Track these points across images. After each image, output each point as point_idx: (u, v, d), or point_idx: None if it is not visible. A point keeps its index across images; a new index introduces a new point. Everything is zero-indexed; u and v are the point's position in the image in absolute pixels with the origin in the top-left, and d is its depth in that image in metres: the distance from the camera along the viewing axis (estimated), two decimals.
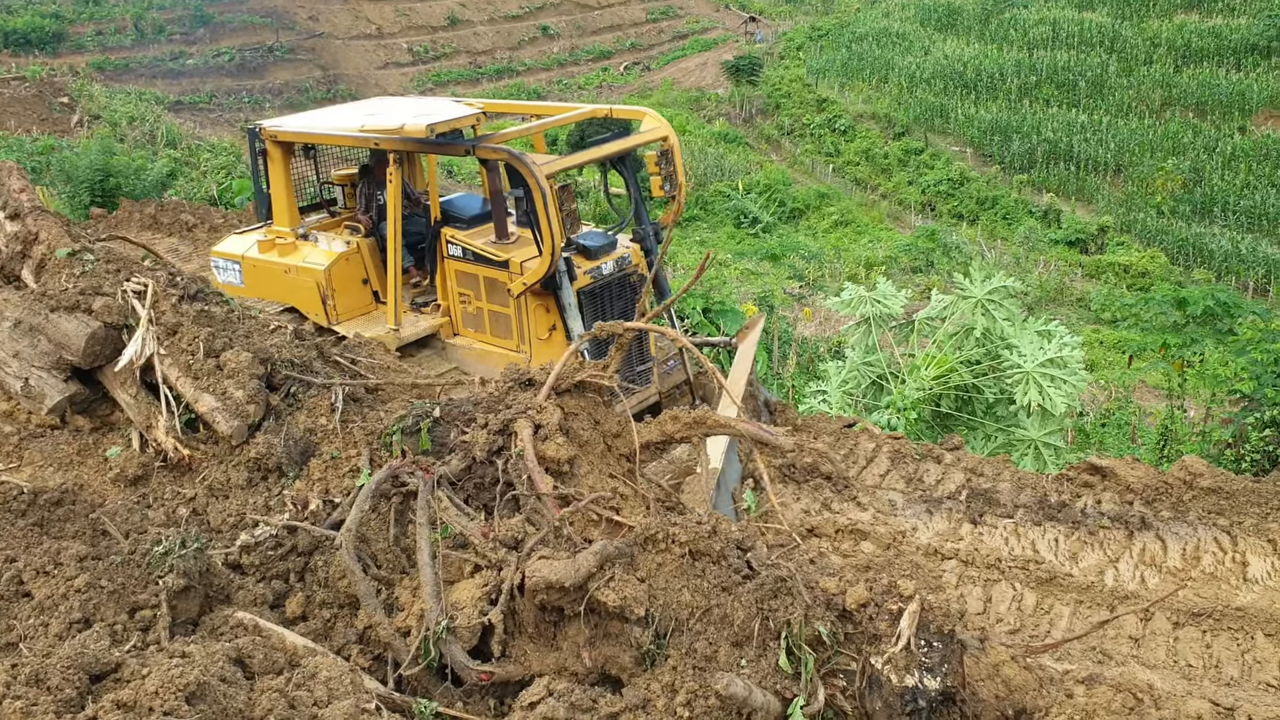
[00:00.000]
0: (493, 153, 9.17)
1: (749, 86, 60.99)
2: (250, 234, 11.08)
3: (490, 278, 9.62)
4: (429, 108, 10.95)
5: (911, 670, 4.40)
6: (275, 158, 10.44)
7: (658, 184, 10.16)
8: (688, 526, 4.78)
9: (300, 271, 10.23)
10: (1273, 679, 6.98)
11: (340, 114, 11.18)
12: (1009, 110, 52.87)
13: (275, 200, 10.67)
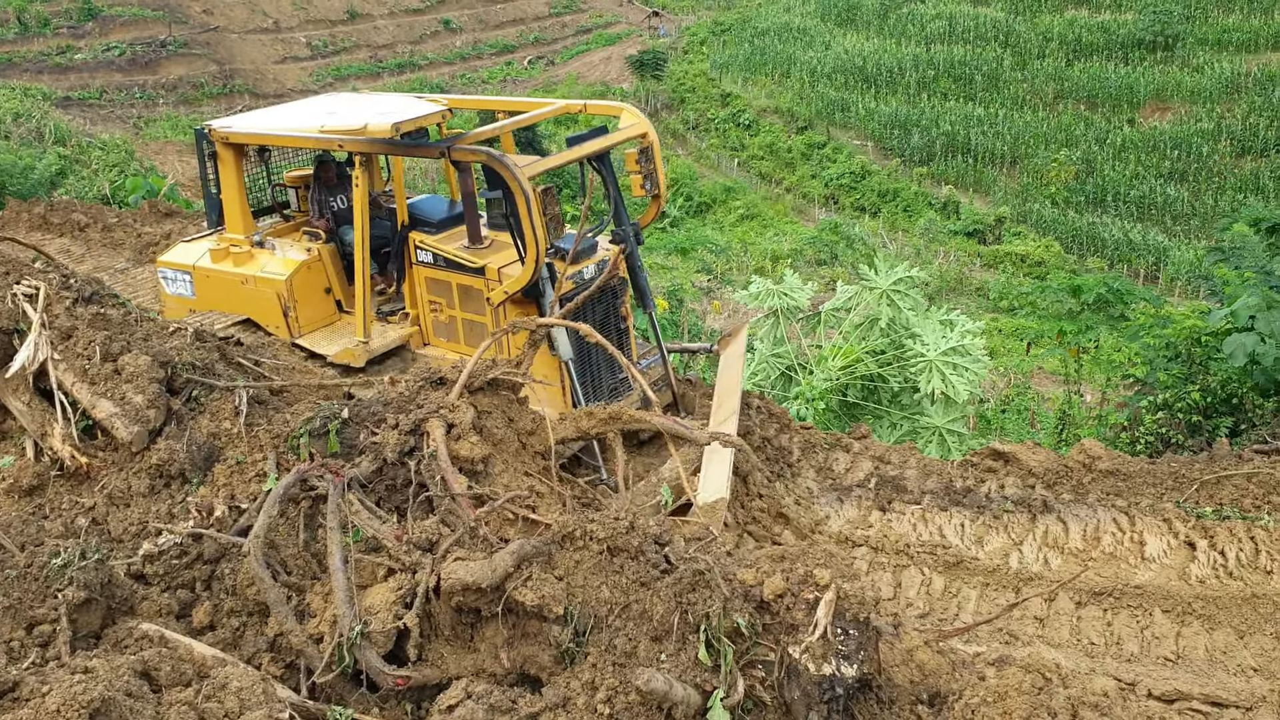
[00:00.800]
0: (471, 154, 8.68)
1: (654, 81, 61.16)
2: (200, 242, 10.39)
3: (465, 285, 9.11)
4: (390, 105, 10.39)
5: (829, 658, 4.44)
6: (226, 160, 9.83)
7: (638, 183, 9.65)
8: (605, 523, 4.76)
9: (259, 282, 9.60)
10: (1170, 653, 7.22)
11: (295, 113, 10.55)
12: (908, 104, 53.88)
13: (227, 205, 10.05)
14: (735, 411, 8.93)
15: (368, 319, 9.27)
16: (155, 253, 14.96)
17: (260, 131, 9.88)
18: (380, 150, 9.28)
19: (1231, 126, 45.87)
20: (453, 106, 10.11)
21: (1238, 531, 7.99)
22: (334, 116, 9.70)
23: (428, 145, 9.18)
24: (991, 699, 4.63)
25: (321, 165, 10.13)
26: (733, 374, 9.74)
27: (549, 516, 5.02)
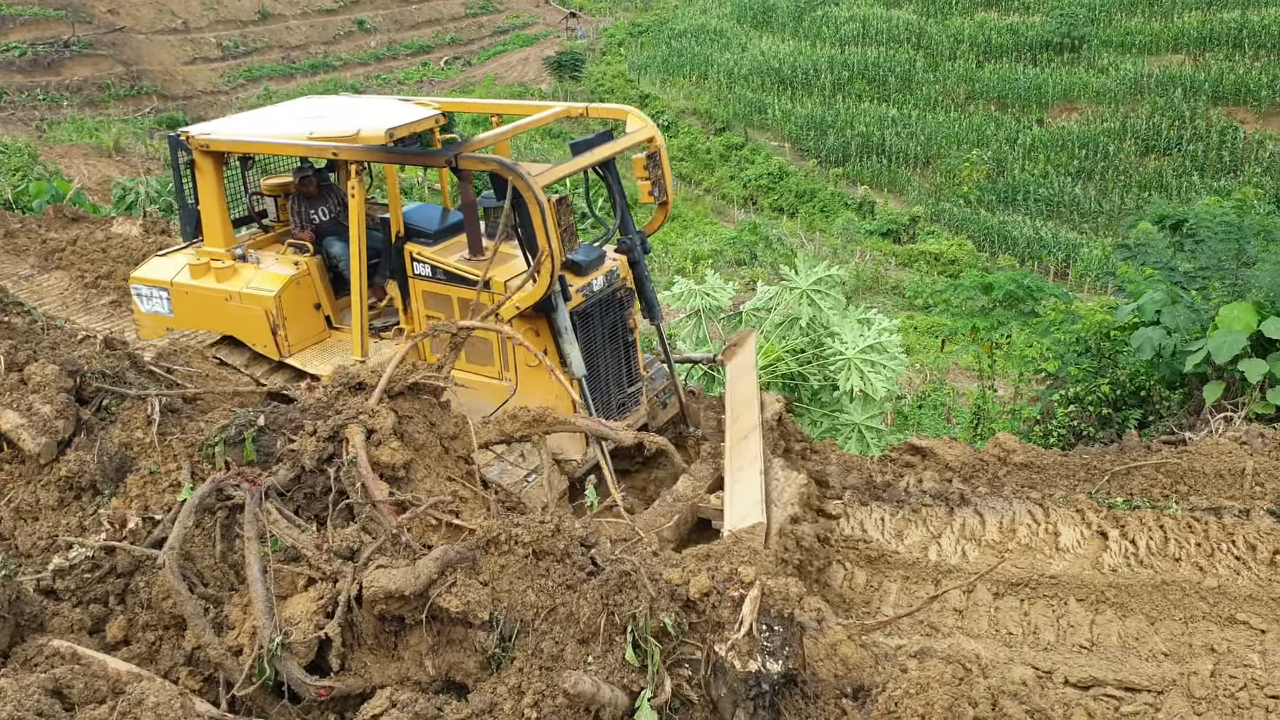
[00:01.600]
0: (480, 163, 8.15)
1: (572, 82, 61.11)
2: (175, 255, 9.83)
3: (467, 299, 8.58)
4: (378, 110, 9.89)
5: (754, 655, 4.48)
6: (205, 169, 9.24)
7: (646, 189, 9.22)
8: (531, 527, 4.74)
9: (245, 298, 9.08)
10: (1085, 641, 7.41)
11: (276, 119, 9.89)
12: (824, 106, 54.56)
13: (206, 217, 9.43)
14: (756, 427, 8.59)
15: (364, 336, 8.79)
16: (61, 259, 14.53)
17: (244, 139, 9.32)
18: (379, 159, 8.78)
19: (1136, 126, 47.24)
20: (445, 110, 9.62)
21: (1148, 520, 8.22)
22: (321, 122, 9.21)
23: (433, 153, 8.74)
24: (914, 691, 4.70)
25: (301, 175, 9.68)
26: (746, 386, 9.36)
27: (473, 521, 4.98)
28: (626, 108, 9.65)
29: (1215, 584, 7.61)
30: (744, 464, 8.25)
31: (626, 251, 9.12)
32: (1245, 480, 8.46)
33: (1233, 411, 10.36)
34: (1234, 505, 8.30)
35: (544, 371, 8.14)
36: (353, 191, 8.42)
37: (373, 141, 8.41)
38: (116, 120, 43.19)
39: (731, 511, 7.66)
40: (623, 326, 9.05)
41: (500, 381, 8.55)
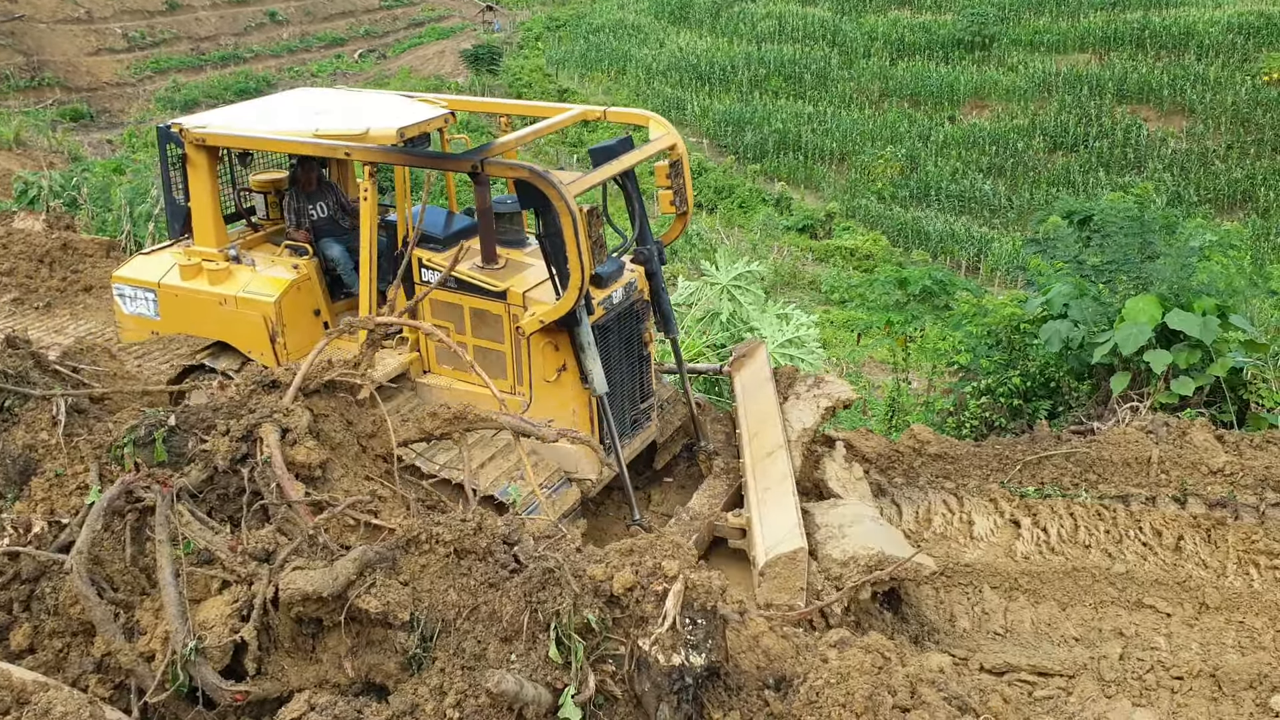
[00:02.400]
0: (509, 169, 7.74)
1: (489, 76, 60.67)
2: (160, 254, 9.32)
3: (480, 309, 8.23)
4: (381, 105, 9.32)
5: (678, 649, 4.48)
6: (199, 165, 8.73)
7: (668, 199, 8.82)
8: (452, 525, 4.69)
9: (242, 303, 8.59)
10: (999, 627, 7.58)
11: (273, 113, 9.35)
12: (741, 102, 54.92)
13: (198, 215, 8.92)
14: (782, 445, 8.33)
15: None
16: None
17: (245, 134, 8.78)
18: (396, 160, 8.28)
19: (1044, 123, 48.33)
20: (453, 109, 9.21)
21: (1058, 509, 8.43)
22: (326, 118, 8.73)
23: (457, 157, 8.19)
24: (835, 680, 4.76)
25: (300, 169, 9.22)
26: (764, 400, 9.06)
27: (393, 521, 4.92)
28: (647, 113, 9.30)
29: (1124, 569, 7.83)
30: (771, 484, 7.97)
31: (644, 262, 8.78)
32: (1151, 468, 8.72)
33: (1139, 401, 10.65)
34: (1140, 493, 8.55)
35: (561, 387, 8.07)
36: (365, 194, 7.99)
37: (384, 141, 8.06)
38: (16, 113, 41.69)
39: (764, 535, 7.40)
40: (638, 340, 8.75)
41: (513, 396, 8.23)
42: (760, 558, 7.12)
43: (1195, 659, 6.94)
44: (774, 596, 6.80)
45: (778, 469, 8.06)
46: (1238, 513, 8.43)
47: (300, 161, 9.14)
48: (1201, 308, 10.88)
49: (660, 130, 8.91)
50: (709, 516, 8.15)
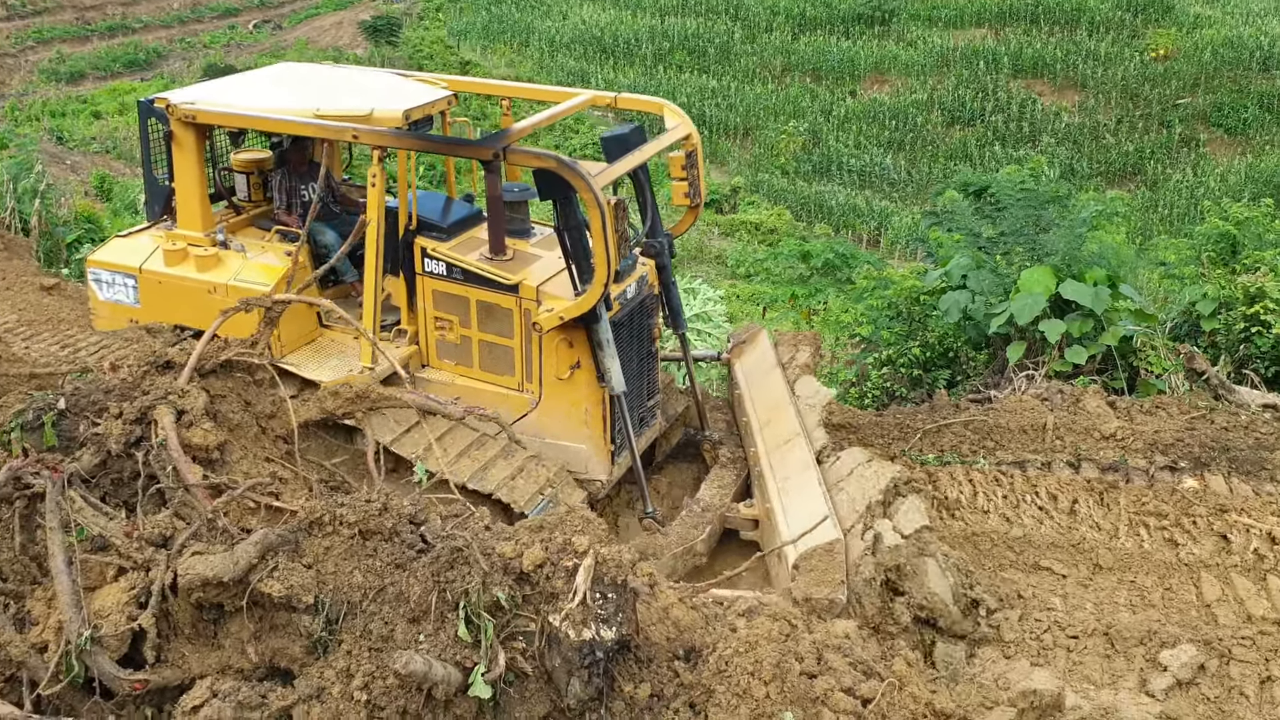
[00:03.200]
0: (533, 158, 7.44)
1: (389, 47, 59.52)
2: (138, 236, 8.80)
3: (488, 302, 7.91)
4: (379, 84, 8.85)
5: (589, 623, 4.49)
6: (186, 144, 8.23)
7: (681, 191, 8.56)
8: (356, 506, 4.62)
9: (234, 292, 8.00)
10: None
11: (263, 89, 8.86)
12: (646, 76, 54.79)
13: (183, 197, 8.41)
14: (799, 433, 8.09)
15: (376, 342, 7.87)
16: None
17: (243, 113, 8.27)
18: (413, 145, 7.94)
19: (942, 98, 49.15)
20: (452, 89, 8.86)
21: (957, 475, 8.61)
22: (324, 97, 8.29)
23: (478, 143, 7.74)
24: (743, 649, 4.82)
25: (290, 148, 8.79)
26: (773, 387, 8.80)
27: (294, 503, 4.83)
28: (661, 101, 9.06)
29: (1021, 533, 8.04)
30: (792, 473, 7.73)
31: (655, 255, 8.45)
32: (1046, 435, 8.97)
33: (1034, 370, 10.94)
34: (1036, 458, 8.78)
35: (574, 385, 7.79)
36: (373, 180, 7.57)
37: (389, 123, 7.74)
38: None
39: (790, 526, 7.17)
40: (647, 336, 8.51)
41: (520, 393, 8.00)
42: (790, 550, 6.88)
43: (1090, 618, 7.16)
44: (812, 590, 6.46)
45: (797, 457, 7.83)
46: (1129, 476, 8.72)
47: (293, 141, 8.75)
48: (1093, 278, 11.20)
49: (675, 119, 8.61)
50: (720, 508, 7.95)
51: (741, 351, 9.59)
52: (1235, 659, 6.90)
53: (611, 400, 7.78)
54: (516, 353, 7.91)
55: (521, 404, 7.91)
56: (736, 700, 4.62)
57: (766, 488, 7.74)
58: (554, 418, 7.89)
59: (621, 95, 9.15)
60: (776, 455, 8.01)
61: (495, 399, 7.96)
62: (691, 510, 7.93)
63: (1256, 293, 12.64)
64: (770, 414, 8.51)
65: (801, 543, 6.83)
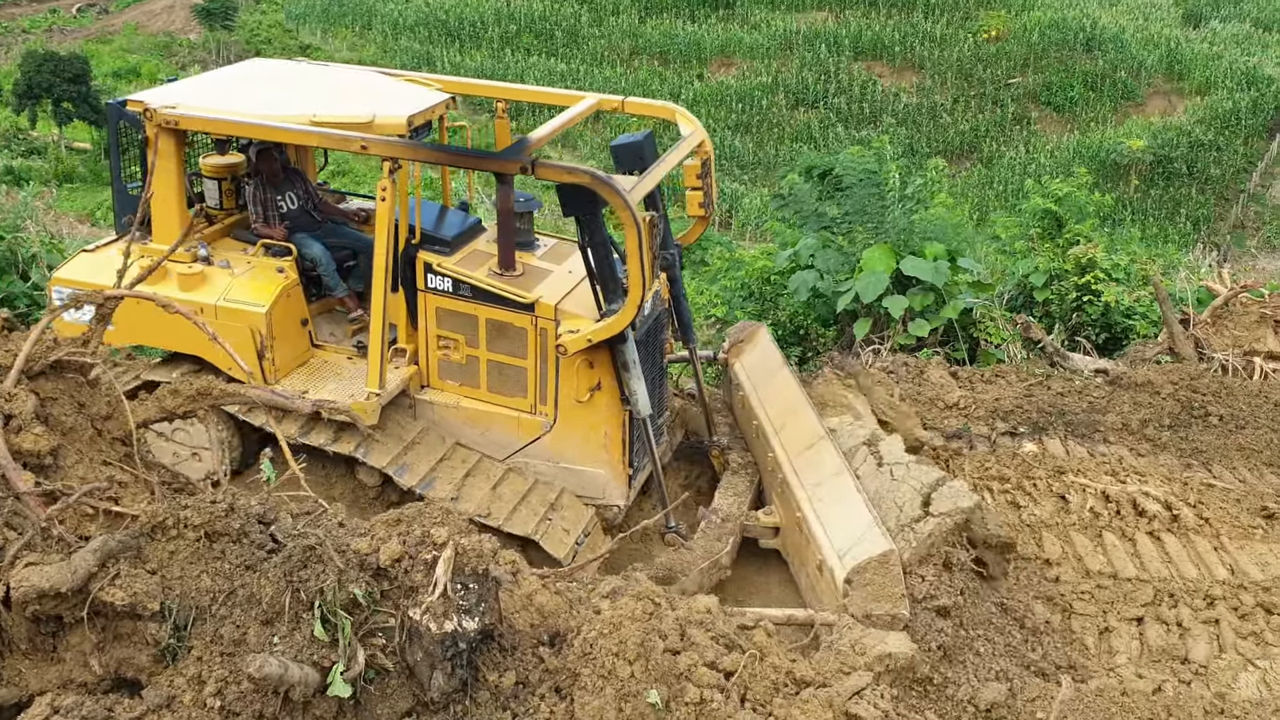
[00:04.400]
0: (565, 173, 6.97)
1: (224, 31, 57.42)
2: (106, 250, 8.06)
3: (500, 321, 7.47)
4: (364, 83, 8.28)
5: (450, 615, 4.44)
6: (164, 151, 7.53)
7: (696, 200, 8.16)
8: (201, 508, 4.46)
9: (226, 314, 7.45)
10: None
11: (239, 90, 8.15)
12: (493, 59, 54.24)
13: (161, 209, 7.68)
14: (823, 437, 7.70)
15: (383, 364, 7.42)
16: None
17: (231, 119, 7.60)
18: (435, 158, 7.53)
19: (787, 80, 50.08)
20: (447, 90, 8.35)
21: None
22: (317, 100, 7.67)
23: (504, 156, 7.18)
24: (608, 630, 4.84)
25: (263, 156, 8.19)
26: (783, 388, 8.39)
27: (136, 507, 4.62)
28: (672, 106, 8.65)
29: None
30: (823, 479, 7.36)
31: (666, 268, 8.00)
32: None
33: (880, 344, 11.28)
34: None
35: (593, 409, 7.44)
36: (383, 194, 7.04)
37: (392, 130, 7.25)
38: None
39: (830, 536, 6.84)
40: (660, 352, 8.14)
41: (532, 416, 7.64)
42: (836, 563, 6.58)
43: None
44: (871, 607, 6.22)
45: (827, 462, 7.47)
46: (972, 443, 9.08)
47: (261, 149, 8.14)
48: (933, 254, 11.60)
49: (689, 126, 8.20)
50: (739, 517, 7.69)
51: (740, 350, 9.21)
52: (1076, 613, 7.28)
53: (631, 422, 7.52)
54: (530, 374, 7.53)
55: (534, 427, 7.60)
56: (602, 681, 4.64)
57: (794, 496, 7.38)
58: (570, 442, 7.59)
59: (629, 100, 8.57)
60: (801, 461, 7.67)
61: (505, 422, 7.65)
62: (711, 522, 7.64)
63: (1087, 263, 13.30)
64: (785, 417, 8.16)
65: (849, 556, 6.54)
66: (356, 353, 7.95)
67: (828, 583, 6.66)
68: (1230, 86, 43.84)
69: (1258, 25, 51.15)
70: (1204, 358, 11.30)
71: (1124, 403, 9.98)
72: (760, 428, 8.22)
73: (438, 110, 7.88)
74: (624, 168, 7.52)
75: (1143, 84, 46.14)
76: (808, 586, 7.17)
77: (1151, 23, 51.25)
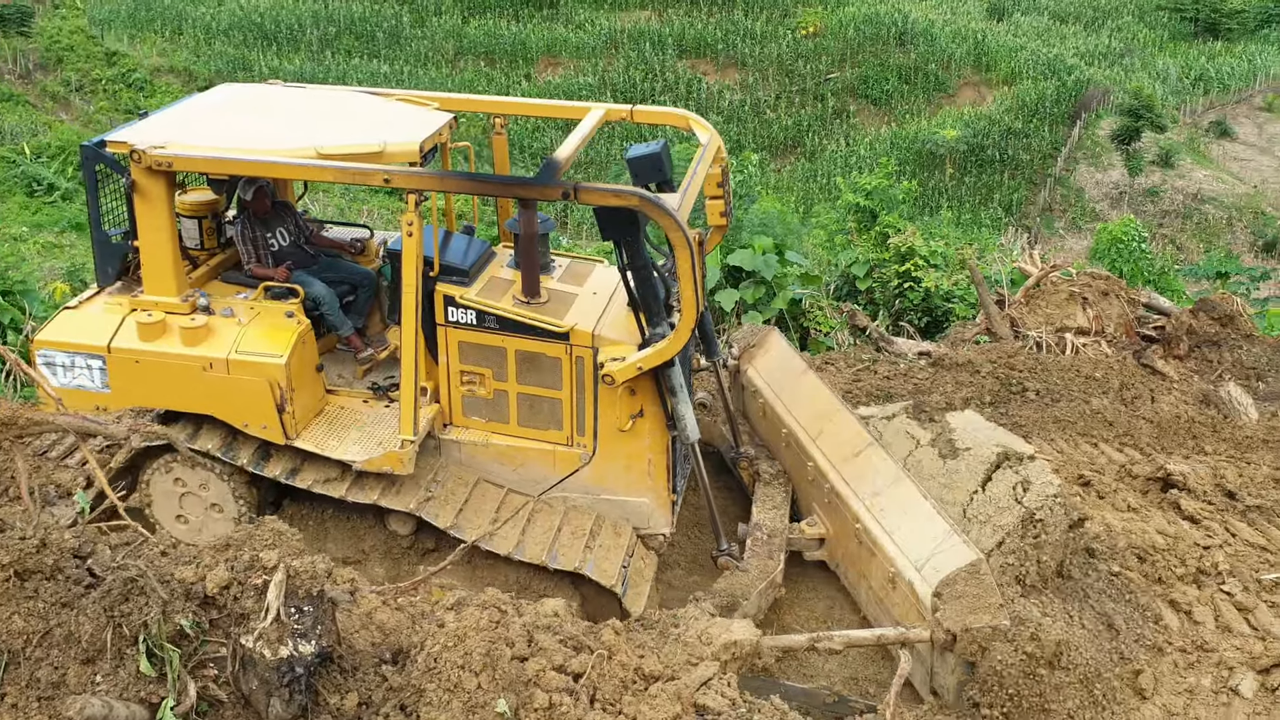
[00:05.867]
0: (612, 196, 6.53)
1: (20, 39, 54.26)
2: (89, 306, 7.41)
3: (530, 352, 7.06)
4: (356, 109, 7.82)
5: (285, 640, 4.30)
6: (153, 194, 6.91)
7: (718, 210, 7.81)
8: (10, 545, 4.20)
9: (237, 367, 6.92)
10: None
11: (227, 120, 7.57)
12: (313, 62, 52.86)
13: (152, 257, 7.11)
14: (871, 443, 7.40)
15: (417, 409, 6.95)
16: None
17: (232, 158, 6.97)
18: (454, 187, 7.20)
19: (613, 79, 50.41)
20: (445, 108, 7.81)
21: None
22: (314, 130, 7.19)
23: (545, 183, 6.62)
24: (452, 643, 4.77)
25: (256, 192, 7.65)
26: (812, 393, 8.06)
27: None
28: (684, 112, 8.12)
29: None
30: (881, 488, 7.08)
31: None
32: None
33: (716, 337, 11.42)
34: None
35: (635, 437, 7.08)
36: (409, 229, 6.59)
37: (404, 158, 6.77)
38: None
39: (903, 548, 6.61)
40: (689, 370, 7.78)
41: (569, 449, 7.27)
42: (915, 576, 6.40)
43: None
44: (968, 620, 5.97)
45: (881, 470, 7.22)
46: None
47: (246, 184, 7.61)
48: (761, 247, 11.86)
49: (705, 132, 7.78)
50: (783, 530, 7.50)
51: (753, 356, 8.91)
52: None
53: (674, 448, 7.27)
54: (565, 405, 7.17)
55: (571, 460, 7.26)
56: (448, 695, 4.57)
57: (848, 507, 7.18)
58: (612, 472, 7.28)
59: (637, 108, 8.20)
60: (850, 469, 7.42)
61: (540, 457, 7.29)
62: (758, 539, 7.44)
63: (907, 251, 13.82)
64: (821, 423, 7.89)
65: (929, 568, 6.41)
66: (372, 395, 7.58)
67: (903, 595, 6.55)
68: (1034, 76, 46.12)
69: (1055, 18, 54.06)
70: (1019, 336, 11.89)
71: (947, 382, 10.41)
72: (793, 435, 8.00)
73: (444, 133, 7.47)
74: (641, 181, 7.14)
75: (953, 76, 48.12)
76: (872, 600, 7.04)
77: (959, 16, 53.51)
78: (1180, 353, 12.41)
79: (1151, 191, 37.16)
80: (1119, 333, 12.45)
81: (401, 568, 7.21)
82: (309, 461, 7.11)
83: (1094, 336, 12.13)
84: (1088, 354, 11.55)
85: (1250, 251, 32.79)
